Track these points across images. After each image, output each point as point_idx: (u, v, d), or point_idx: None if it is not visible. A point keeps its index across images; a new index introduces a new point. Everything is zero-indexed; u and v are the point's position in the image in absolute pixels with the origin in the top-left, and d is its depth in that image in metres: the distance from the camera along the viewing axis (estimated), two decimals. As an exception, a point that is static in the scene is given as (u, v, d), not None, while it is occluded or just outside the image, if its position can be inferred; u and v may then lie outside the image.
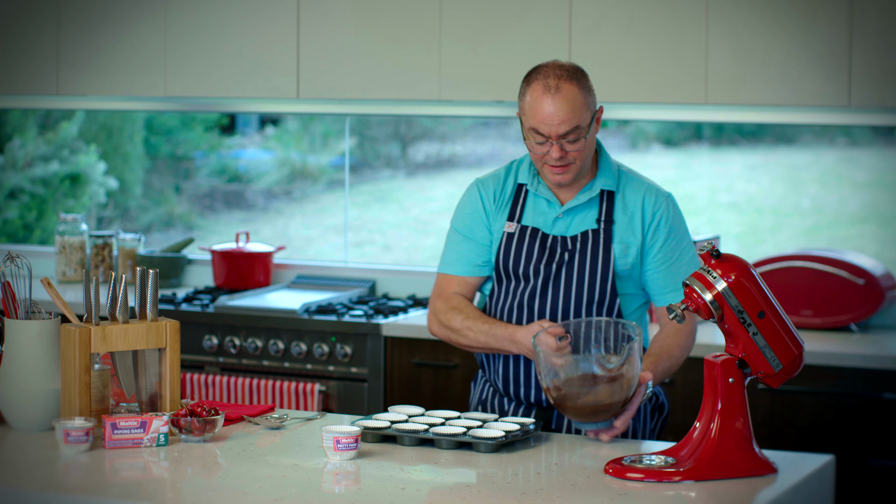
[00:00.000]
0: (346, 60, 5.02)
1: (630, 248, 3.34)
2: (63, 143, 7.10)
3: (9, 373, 3.14)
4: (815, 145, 7.54)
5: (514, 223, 3.39)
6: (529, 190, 3.39)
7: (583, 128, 3.24)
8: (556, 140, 3.24)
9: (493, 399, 3.45)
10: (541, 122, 3.23)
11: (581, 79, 3.27)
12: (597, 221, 3.35)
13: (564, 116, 3.22)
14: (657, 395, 3.45)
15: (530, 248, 3.36)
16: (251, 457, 2.98)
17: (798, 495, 2.81)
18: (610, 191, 3.37)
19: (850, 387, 4.25)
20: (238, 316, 4.93)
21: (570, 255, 3.34)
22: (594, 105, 3.29)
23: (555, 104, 3.22)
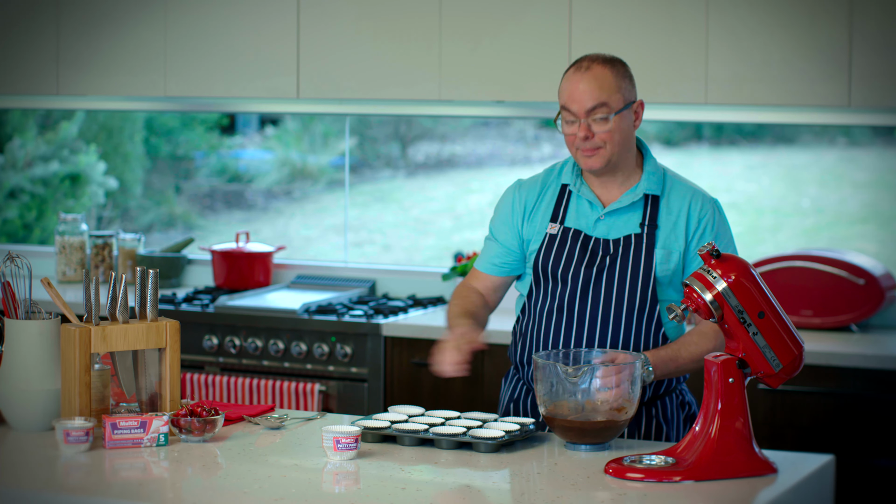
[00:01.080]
0: (346, 60, 5.02)
1: (672, 254, 3.30)
2: (63, 143, 7.10)
3: (9, 373, 3.14)
4: (815, 145, 7.53)
5: (557, 224, 3.36)
6: (572, 191, 3.37)
7: (611, 107, 3.23)
8: (584, 118, 3.23)
9: (525, 397, 3.43)
10: (569, 98, 3.25)
11: (616, 65, 3.28)
12: (640, 226, 3.31)
13: (592, 93, 3.23)
14: (690, 404, 3.42)
15: (571, 250, 3.33)
16: (251, 457, 2.98)
17: (798, 495, 2.81)
18: (654, 195, 3.33)
19: (851, 387, 4.25)
20: (238, 316, 4.93)
21: (612, 259, 3.30)
22: (629, 93, 3.28)
23: (583, 81, 3.24)
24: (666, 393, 3.37)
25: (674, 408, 3.38)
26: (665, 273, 3.30)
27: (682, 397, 3.41)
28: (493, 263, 3.45)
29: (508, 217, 3.43)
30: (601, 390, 3.01)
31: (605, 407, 3.00)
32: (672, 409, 3.37)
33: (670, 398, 3.37)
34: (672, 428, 3.37)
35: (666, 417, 3.36)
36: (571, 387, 3.01)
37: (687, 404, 3.42)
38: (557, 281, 3.34)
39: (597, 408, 3.01)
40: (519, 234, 3.42)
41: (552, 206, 3.39)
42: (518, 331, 3.45)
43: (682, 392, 3.42)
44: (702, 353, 3.27)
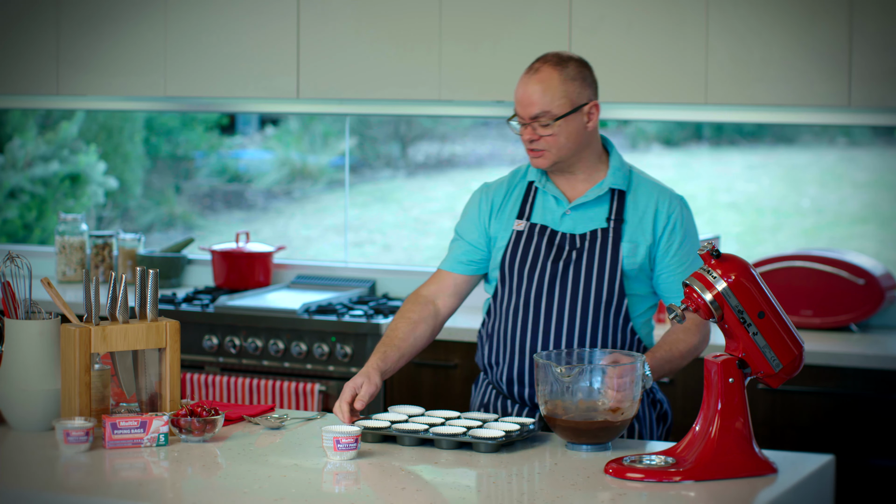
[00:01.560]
0: (346, 60, 5.02)
1: (639, 247, 3.33)
2: (63, 143, 7.11)
3: (9, 373, 3.14)
4: (815, 145, 7.53)
5: (524, 221, 3.40)
6: (538, 187, 3.40)
7: (552, 114, 3.27)
8: (529, 122, 3.28)
9: (495, 401, 3.44)
10: (517, 101, 3.31)
11: (567, 67, 3.29)
12: (606, 220, 3.34)
13: (533, 98, 3.28)
14: (661, 402, 3.43)
15: (538, 245, 3.36)
16: (251, 457, 2.98)
17: (798, 495, 2.81)
18: (621, 190, 3.36)
19: (850, 387, 4.25)
20: (238, 316, 4.93)
21: (578, 253, 3.33)
22: (579, 96, 3.30)
23: (527, 85, 3.29)
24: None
25: (645, 406, 3.39)
26: (632, 266, 3.33)
27: (653, 395, 3.42)
28: (459, 261, 3.47)
29: (475, 217, 3.46)
30: (600, 391, 3.01)
31: (604, 407, 3.00)
32: (643, 407, 3.38)
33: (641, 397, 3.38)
34: (644, 426, 3.38)
35: (637, 416, 3.36)
36: (569, 387, 3.01)
37: (658, 402, 3.43)
38: (524, 277, 3.35)
39: (595, 408, 3.01)
40: (486, 232, 3.44)
41: (519, 203, 3.42)
42: (484, 334, 3.46)
43: (654, 390, 3.44)
44: (689, 348, 3.32)
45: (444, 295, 3.47)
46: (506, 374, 3.39)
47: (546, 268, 3.34)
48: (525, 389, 3.37)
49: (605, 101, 4.75)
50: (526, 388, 3.37)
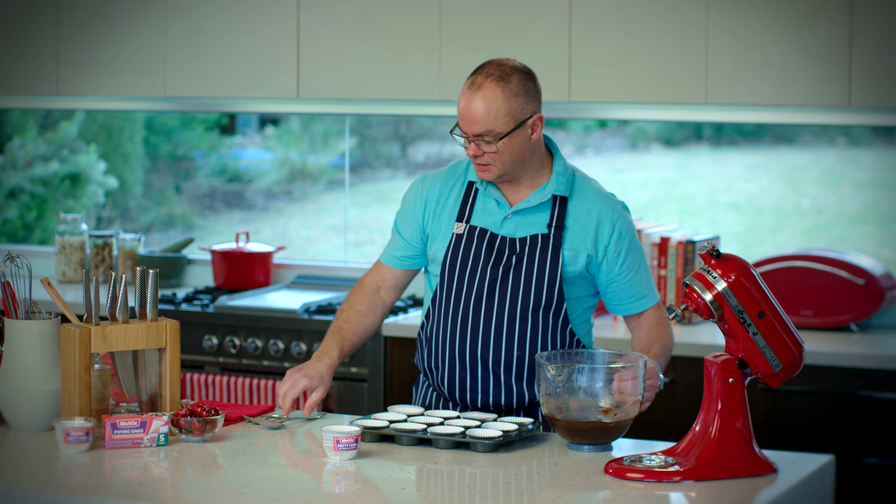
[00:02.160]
0: (346, 60, 5.02)
1: (580, 255, 3.31)
2: (63, 143, 7.11)
3: (9, 373, 3.14)
4: (815, 145, 7.53)
5: (463, 224, 3.36)
6: (479, 189, 3.37)
7: (496, 132, 3.21)
8: (472, 138, 3.24)
9: (437, 403, 3.44)
10: (460, 116, 3.25)
11: (511, 83, 3.22)
12: (547, 227, 3.31)
13: (477, 117, 3.21)
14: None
15: (478, 249, 3.33)
16: (251, 457, 2.98)
17: (798, 495, 2.81)
18: (563, 196, 3.33)
19: (850, 387, 4.25)
20: (238, 316, 4.93)
21: (518, 258, 3.30)
22: (522, 111, 3.23)
23: (470, 103, 3.22)
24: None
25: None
26: (572, 272, 3.31)
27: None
28: (394, 256, 3.47)
29: (410, 212, 3.44)
30: (592, 392, 3.01)
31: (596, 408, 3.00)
32: None
33: None
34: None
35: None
36: (562, 387, 3.01)
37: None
38: (463, 282, 3.33)
39: (588, 408, 3.00)
40: (421, 229, 3.42)
41: (458, 204, 3.39)
42: (423, 337, 3.44)
43: None
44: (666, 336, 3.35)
45: (385, 286, 3.50)
46: (447, 380, 3.37)
47: (486, 273, 3.31)
48: (467, 394, 3.35)
49: (605, 101, 4.75)
50: (468, 393, 3.34)
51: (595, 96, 4.73)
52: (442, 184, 3.42)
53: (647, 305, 3.38)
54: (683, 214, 7.34)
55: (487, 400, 3.34)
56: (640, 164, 7.65)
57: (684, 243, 4.79)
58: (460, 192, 3.40)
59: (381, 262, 3.51)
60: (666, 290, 4.79)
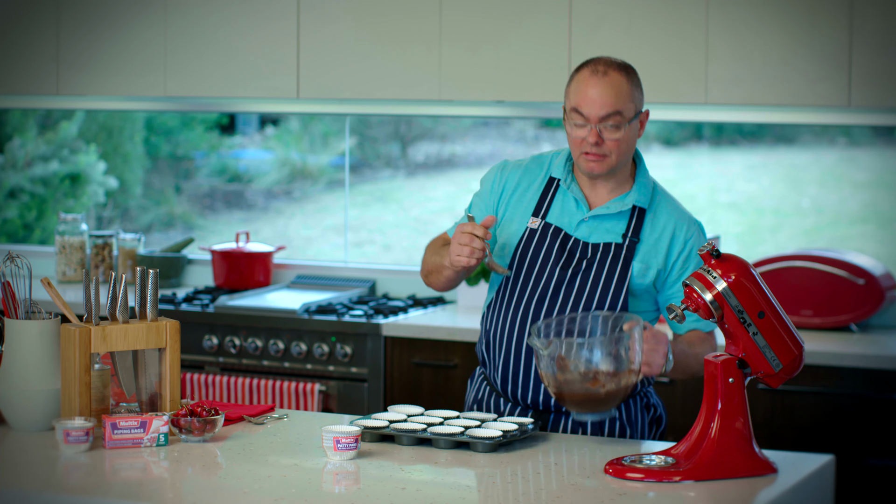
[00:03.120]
0: (346, 60, 5.02)
1: (650, 269, 3.30)
2: (63, 143, 7.10)
3: (9, 373, 3.14)
4: (815, 145, 7.53)
5: (539, 219, 3.35)
6: (561, 185, 3.35)
7: (624, 116, 3.21)
8: (596, 123, 3.21)
9: (489, 398, 3.43)
10: (583, 102, 3.21)
11: (631, 73, 3.26)
12: (623, 236, 3.31)
13: (607, 100, 3.20)
14: (656, 406, 3.42)
15: (549, 248, 3.32)
16: (251, 457, 2.98)
17: (798, 495, 2.81)
18: (642, 207, 3.32)
19: (850, 387, 4.25)
20: (238, 316, 4.93)
21: (589, 263, 3.29)
22: (640, 102, 3.27)
23: (600, 86, 3.21)
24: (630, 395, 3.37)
25: (638, 410, 3.37)
26: (640, 286, 3.30)
27: (647, 399, 3.40)
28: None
29: (487, 195, 3.43)
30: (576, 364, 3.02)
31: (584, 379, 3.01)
32: (636, 410, 3.36)
33: (634, 401, 3.36)
34: (636, 431, 3.35)
35: (630, 420, 3.35)
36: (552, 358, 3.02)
37: (653, 406, 3.41)
38: (530, 279, 3.32)
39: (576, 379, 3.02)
40: (494, 213, 3.40)
41: (537, 197, 3.38)
42: (484, 327, 3.44)
43: (648, 394, 3.41)
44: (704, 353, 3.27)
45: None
46: (500, 372, 3.37)
47: (554, 273, 3.30)
48: (518, 389, 3.34)
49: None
50: (519, 389, 3.34)
51: (595, 96, 4.72)
52: (522, 173, 3.41)
53: (699, 328, 3.33)
54: (683, 214, 7.32)
55: (538, 398, 3.32)
56: (639, 164, 7.64)
57: (684, 243, 4.78)
58: (541, 185, 3.39)
59: (446, 235, 3.46)
60: (666, 290, 4.78)
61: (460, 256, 3.18)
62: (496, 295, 3.40)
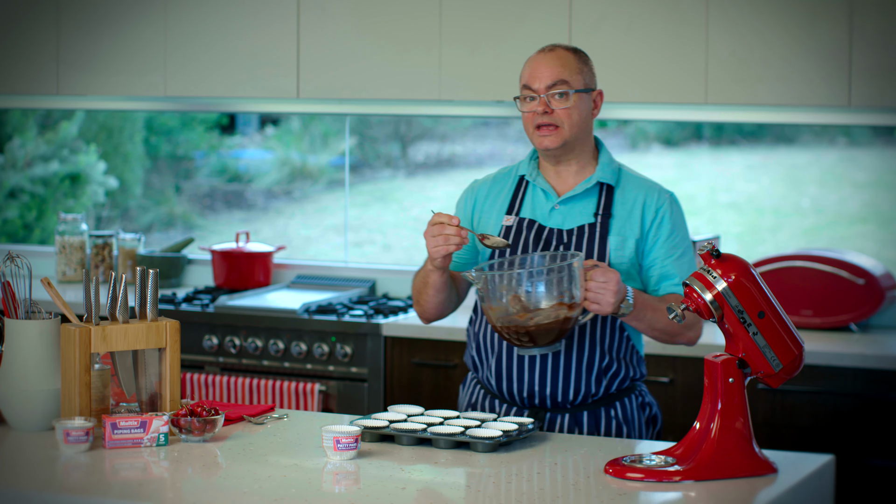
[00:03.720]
0: (346, 60, 5.02)
1: (627, 241, 3.33)
2: (63, 143, 7.10)
3: (9, 373, 3.14)
4: (815, 145, 7.53)
5: (513, 216, 3.40)
6: (529, 181, 3.41)
7: (570, 84, 3.30)
8: (544, 93, 3.30)
9: (483, 400, 3.43)
10: (530, 75, 3.33)
11: (580, 53, 3.37)
12: (594, 215, 3.35)
13: (554, 69, 3.31)
14: (651, 405, 3.43)
15: (526, 241, 3.36)
16: (251, 457, 2.98)
17: (798, 495, 2.81)
18: (609, 185, 3.37)
19: (850, 387, 4.25)
20: (238, 316, 4.93)
21: (566, 248, 3.33)
22: (590, 80, 3.36)
23: (546, 59, 3.33)
24: (625, 392, 3.37)
25: (634, 408, 3.38)
26: (620, 261, 3.33)
27: (642, 398, 3.42)
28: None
29: (462, 213, 3.48)
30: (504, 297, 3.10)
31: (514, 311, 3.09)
32: (632, 409, 3.38)
33: (629, 399, 3.38)
34: (633, 429, 3.37)
35: (626, 418, 3.36)
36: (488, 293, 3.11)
37: (647, 405, 3.43)
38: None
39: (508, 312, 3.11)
40: (472, 227, 3.45)
41: (509, 198, 3.44)
42: (472, 331, 3.46)
43: (643, 393, 3.43)
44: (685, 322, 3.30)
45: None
46: (494, 370, 3.37)
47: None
48: (514, 385, 3.35)
49: (605, 101, 4.74)
50: (514, 384, 3.35)
51: (595, 96, 4.72)
52: (491, 184, 3.49)
53: (679, 292, 3.34)
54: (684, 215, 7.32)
55: (533, 392, 3.33)
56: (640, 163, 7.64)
57: (684, 243, 4.78)
58: (511, 187, 3.45)
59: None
60: (666, 290, 4.78)
61: (437, 247, 3.21)
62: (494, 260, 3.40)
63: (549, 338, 3.13)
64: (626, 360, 3.36)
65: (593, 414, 3.34)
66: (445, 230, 3.19)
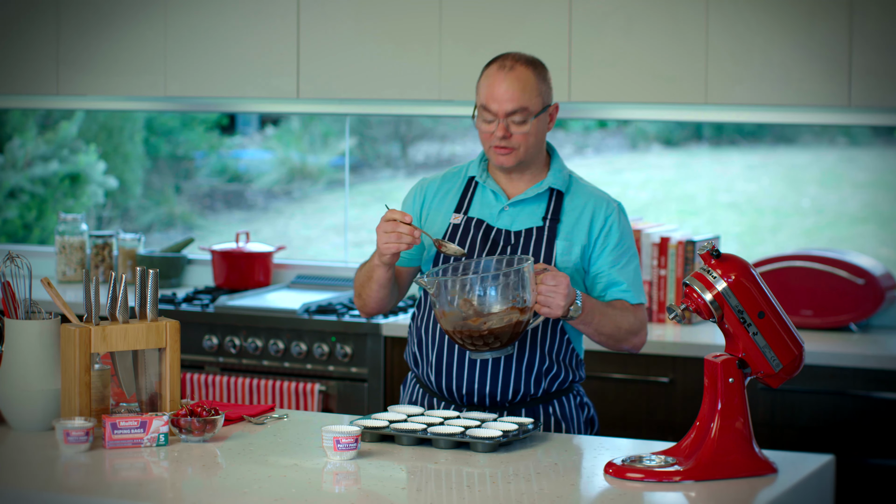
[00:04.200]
0: (346, 60, 5.02)
1: (574, 246, 3.34)
2: (63, 143, 7.10)
3: (9, 373, 3.14)
4: (815, 145, 7.52)
5: (461, 214, 3.40)
6: (478, 182, 3.41)
7: (530, 111, 3.28)
8: (503, 118, 3.27)
9: (422, 400, 3.44)
10: (490, 98, 3.29)
11: (538, 67, 3.33)
12: (542, 219, 3.36)
13: (513, 94, 3.27)
14: (588, 406, 3.46)
15: (474, 239, 3.36)
16: (251, 457, 2.98)
17: (798, 495, 2.81)
18: (559, 191, 3.38)
19: (850, 387, 4.25)
20: (238, 316, 4.93)
21: (514, 249, 3.34)
22: (548, 97, 3.33)
23: (506, 81, 3.28)
24: (563, 392, 3.40)
25: (572, 407, 3.40)
26: (566, 265, 3.34)
27: (580, 398, 3.44)
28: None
29: (410, 209, 3.47)
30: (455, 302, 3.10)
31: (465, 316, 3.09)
32: (570, 407, 3.40)
33: (567, 398, 3.40)
34: (572, 427, 3.40)
35: (564, 415, 3.39)
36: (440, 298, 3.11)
37: (586, 406, 3.45)
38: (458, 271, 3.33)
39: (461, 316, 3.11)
40: (419, 224, 3.44)
41: (458, 197, 3.44)
42: (414, 327, 3.46)
43: (581, 393, 3.45)
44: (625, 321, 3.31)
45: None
46: (434, 366, 3.38)
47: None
48: (453, 382, 3.35)
49: (605, 101, 4.75)
50: (454, 381, 3.35)
51: (595, 96, 4.73)
52: (441, 182, 3.48)
53: (626, 298, 3.36)
54: (683, 214, 7.33)
55: (473, 391, 3.34)
56: (640, 164, 7.65)
57: (684, 243, 4.79)
58: (461, 186, 3.45)
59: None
60: (666, 290, 4.79)
61: (388, 244, 3.21)
62: (424, 294, 3.41)
63: (502, 341, 3.14)
64: (565, 362, 3.38)
65: (532, 411, 3.36)
66: (399, 227, 3.19)
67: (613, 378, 4.48)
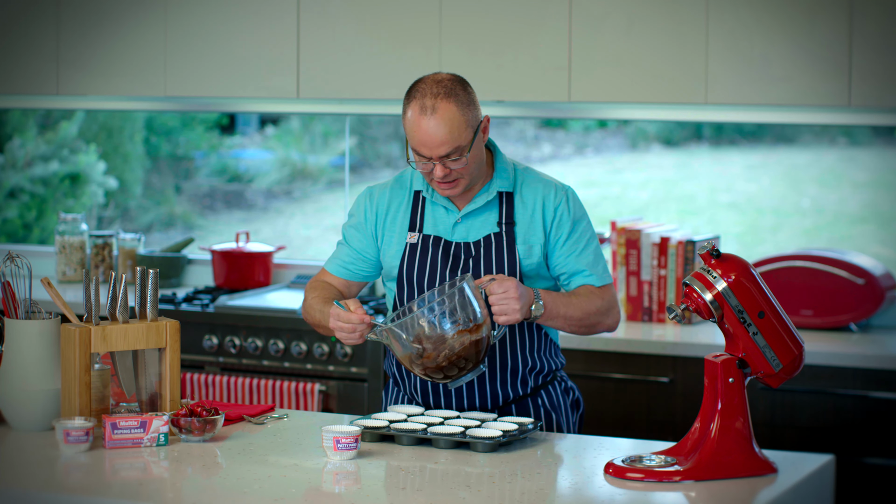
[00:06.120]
0: (346, 60, 5.02)
1: (534, 247, 3.31)
2: (63, 143, 7.10)
3: (9, 373, 3.15)
4: (815, 145, 7.52)
5: (416, 233, 3.35)
6: (426, 197, 3.36)
7: (463, 146, 3.19)
8: (438, 160, 3.20)
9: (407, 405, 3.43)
10: (420, 143, 3.20)
11: (459, 94, 3.19)
12: (498, 224, 3.32)
13: (443, 139, 3.17)
14: (573, 389, 3.46)
15: (434, 257, 3.32)
16: (251, 457, 2.98)
17: (798, 495, 2.81)
18: (508, 192, 3.34)
19: (850, 387, 4.26)
20: (238, 316, 4.93)
21: (475, 261, 3.30)
22: (476, 119, 3.22)
23: (432, 125, 3.17)
24: (549, 382, 3.40)
25: (559, 394, 3.41)
26: (530, 266, 3.31)
27: (564, 383, 3.45)
28: (344, 267, 3.43)
29: (363, 224, 3.41)
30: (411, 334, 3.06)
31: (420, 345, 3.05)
32: (557, 396, 3.41)
33: (553, 386, 3.41)
34: (561, 414, 3.40)
35: (553, 405, 3.39)
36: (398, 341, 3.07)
37: (570, 389, 3.46)
38: (423, 288, 3.32)
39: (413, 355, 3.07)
40: (374, 239, 3.40)
41: (408, 214, 3.38)
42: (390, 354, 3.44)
43: (564, 378, 3.46)
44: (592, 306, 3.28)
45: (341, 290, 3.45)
46: (420, 386, 3.38)
47: (445, 278, 3.30)
48: (441, 400, 3.36)
49: (605, 101, 4.75)
50: (442, 399, 3.36)
51: (595, 96, 4.73)
52: (390, 194, 3.41)
53: (590, 283, 3.34)
54: (683, 214, 7.33)
55: (463, 406, 3.36)
56: (640, 164, 7.65)
57: (684, 243, 4.79)
58: (409, 202, 3.39)
59: (326, 271, 3.46)
60: (666, 290, 4.79)
61: (348, 339, 3.16)
62: (394, 312, 3.36)
63: (469, 364, 3.10)
64: (547, 356, 3.39)
65: (521, 405, 3.36)
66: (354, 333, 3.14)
67: (613, 378, 4.48)
